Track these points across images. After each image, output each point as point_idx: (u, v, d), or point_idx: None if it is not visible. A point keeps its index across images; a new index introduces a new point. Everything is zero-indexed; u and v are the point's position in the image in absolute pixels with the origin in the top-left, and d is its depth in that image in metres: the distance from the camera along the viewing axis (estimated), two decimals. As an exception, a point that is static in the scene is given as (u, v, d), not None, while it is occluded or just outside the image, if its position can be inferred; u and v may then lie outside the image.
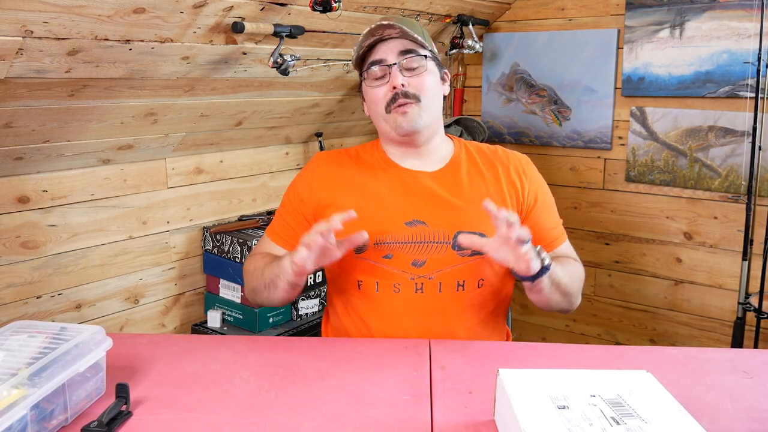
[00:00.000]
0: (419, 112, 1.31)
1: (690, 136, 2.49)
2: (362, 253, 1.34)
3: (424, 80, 1.33)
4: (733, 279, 2.47)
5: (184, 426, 0.96)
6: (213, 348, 1.25)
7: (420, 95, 1.32)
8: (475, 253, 1.31)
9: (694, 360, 1.18)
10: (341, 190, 1.39)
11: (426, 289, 1.31)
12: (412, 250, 1.32)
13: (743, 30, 2.31)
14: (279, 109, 2.44)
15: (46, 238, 1.99)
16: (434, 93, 1.36)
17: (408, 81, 1.31)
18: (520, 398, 0.88)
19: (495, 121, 2.98)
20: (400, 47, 1.32)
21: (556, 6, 2.76)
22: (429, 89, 1.33)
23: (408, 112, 1.31)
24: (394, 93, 1.31)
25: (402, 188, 1.36)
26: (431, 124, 1.36)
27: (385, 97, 1.33)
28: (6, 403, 0.81)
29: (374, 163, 1.41)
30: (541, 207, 1.41)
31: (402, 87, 1.30)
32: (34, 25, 1.45)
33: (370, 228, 1.31)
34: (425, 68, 1.33)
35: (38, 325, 1.06)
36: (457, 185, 1.37)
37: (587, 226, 2.82)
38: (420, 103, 1.32)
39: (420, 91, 1.32)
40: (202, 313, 2.49)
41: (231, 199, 2.55)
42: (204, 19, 1.76)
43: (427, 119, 1.33)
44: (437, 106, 1.38)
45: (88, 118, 1.86)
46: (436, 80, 1.37)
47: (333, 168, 1.43)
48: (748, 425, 0.96)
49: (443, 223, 1.32)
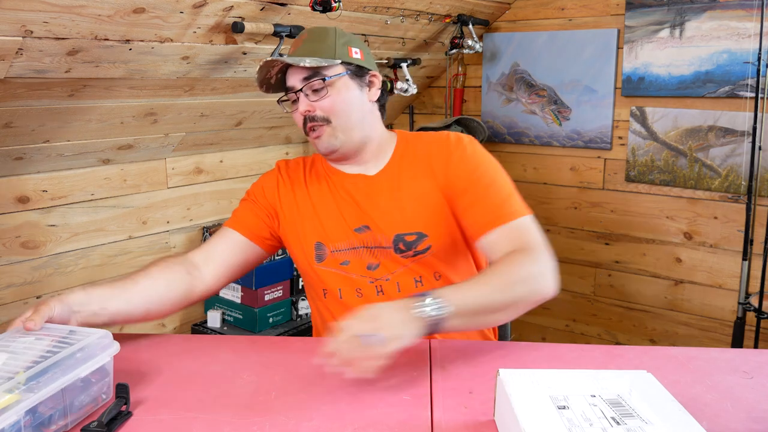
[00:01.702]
0: (332, 133, 1.31)
1: (690, 136, 2.49)
2: (323, 262, 1.35)
3: (332, 102, 1.30)
4: (733, 279, 2.47)
5: (184, 426, 0.96)
6: (213, 348, 1.25)
7: (329, 116, 1.31)
8: (417, 252, 1.31)
9: (695, 360, 1.18)
10: (294, 203, 1.41)
11: (386, 291, 1.32)
12: (365, 255, 1.33)
13: (743, 30, 2.31)
14: (279, 109, 2.43)
15: (46, 238, 1.99)
16: (347, 110, 1.32)
17: (316, 104, 1.30)
18: (520, 398, 0.88)
19: (495, 121, 2.98)
20: (304, 72, 1.30)
21: (556, 6, 2.76)
22: (338, 109, 1.31)
23: (321, 136, 1.31)
24: (304, 118, 1.32)
25: (346, 195, 1.37)
26: (351, 140, 1.33)
27: (300, 122, 1.33)
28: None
29: (322, 172, 1.42)
30: (474, 184, 1.30)
31: (308, 112, 1.30)
32: (34, 25, 1.45)
33: (326, 237, 1.35)
34: (329, 89, 1.30)
35: (48, 327, 1.05)
36: (396, 186, 1.35)
37: (587, 226, 2.82)
38: (331, 125, 1.31)
39: (328, 112, 1.30)
40: (202, 313, 2.49)
41: (231, 199, 2.55)
42: (204, 19, 1.76)
43: (344, 137, 1.32)
44: (355, 119, 1.33)
45: (88, 118, 1.86)
46: (348, 95, 1.32)
47: (291, 175, 1.45)
48: (749, 425, 0.96)
49: (384, 227, 1.32)
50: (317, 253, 1.37)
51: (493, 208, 1.28)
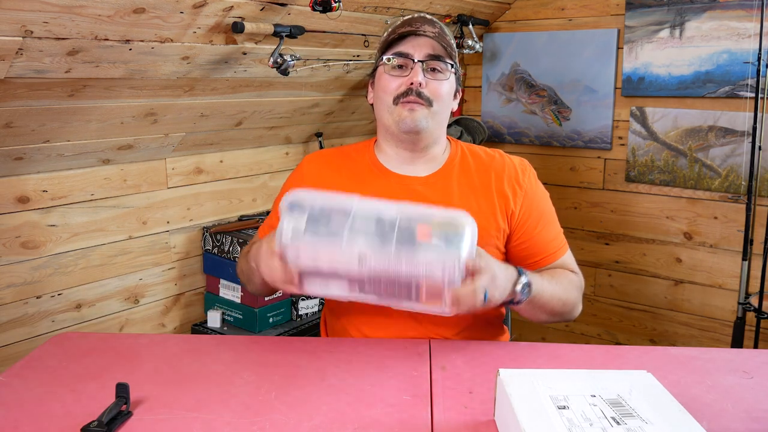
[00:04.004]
0: (427, 116, 1.29)
1: (690, 136, 2.49)
2: None
3: (442, 87, 1.30)
4: (733, 279, 2.47)
5: (184, 426, 0.96)
6: (213, 348, 1.25)
7: (434, 100, 1.29)
8: None
9: (695, 360, 1.18)
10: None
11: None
12: None
13: (743, 30, 2.31)
14: (279, 109, 2.44)
15: (46, 238, 1.99)
16: (446, 103, 1.33)
17: (427, 82, 1.28)
18: (520, 398, 0.88)
19: (495, 121, 2.98)
20: (431, 49, 1.29)
21: (556, 6, 2.76)
22: (443, 97, 1.31)
23: (416, 111, 1.28)
24: (409, 88, 1.28)
25: (391, 194, 1.30)
26: (434, 131, 1.33)
27: (397, 89, 1.29)
28: None
29: (365, 167, 1.38)
30: (536, 219, 1.35)
31: (419, 86, 1.27)
32: (34, 25, 1.45)
33: None
34: (447, 76, 1.31)
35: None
36: (447, 193, 1.33)
37: (587, 226, 2.82)
38: (431, 108, 1.29)
39: (435, 96, 1.29)
40: (202, 313, 2.49)
41: (231, 199, 2.55)
42: (204, 19, 1.76)
43: (432, 125, 1.30)
44: (444, 116, 1.35)
45: (88, 118, 1.86)
46: (451, 91, 1.35)
47: (323, 171, 1.39)
48: (749, 425, 0.96)
49: None
50: None
51: (545, 247, 1.36)
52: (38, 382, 1.10)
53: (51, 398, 1.05)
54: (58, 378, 1.12)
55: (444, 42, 1.30)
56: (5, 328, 1.92)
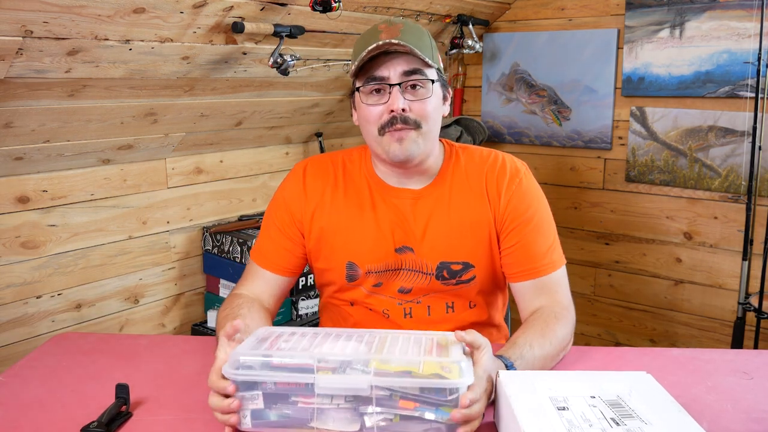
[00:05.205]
0: (417, 140, 1.18)
1: (690, 136, 2.49)
2: (354, 281, 1.28)
3: (427, 105, 1.19)
4: (733, 279, 2.47)
5: (183, 426, 0.96)
6: (213, 348, 1.25)
7: (421, 121, 1.18)
8: (460, 281, 1.26)
9: (695, 361, 1.18)
10: (328, 212, 1.29)
11: (415, 314, 1.28)
12: (399, 277, 1.27)
13: (743, 30, 2.30)
14: (279, 109, 2.44)
15: (46, 238, 1.99)
16: (435, 119, 1.22)
17: (410, 105, 1.17)
18: (520, 399, 0.88)
19: (495, 121, 2.98)
20: (405, 65, 1.17)
21: (556, 6, 2.76)
22: (430, 115, 1.20)
23: (405, 139, 1.17)
24: (392, 116, 1.17)
25: (390, 211, 1.27)
26: (427, 149, 1.23)
27: (380, 118, 1.18)
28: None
29: (360, 178, 1.31)
30: (523, 225, 1.26)
31: (402, 112, 1.16)
32: (34, 25, 1.45)
33: (360, 257, 1.27)
34: (429, 91, 1.19)
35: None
36: (445, 206, 1.27)
37: (587, 226, 2.82)
38: (420, 130, 1.18)
39: (422, 117, 1.18)
40: (202, 313, 2.49)
41: (231, 199, 2.55)
42: (204, 19, 1.76)
43: (424, 146, 1.20)
44: (435, 131, 1.24)
45: (88, 118, 1.86)
46: (438, 104, 1.23)
47: (318, 183, 1.31)
48: (749, 426, 0.96)
49: (428, 252, 1.25)
50: (349, 273, 1.28)
51: (534, 258, 1.26)
52: (38, 382, 1.10)
53: (51, 398, 1.05)
54: (58, 378, 1.12)
55: (418, 48, 1.15)
56: (5, 328, 1.92)
